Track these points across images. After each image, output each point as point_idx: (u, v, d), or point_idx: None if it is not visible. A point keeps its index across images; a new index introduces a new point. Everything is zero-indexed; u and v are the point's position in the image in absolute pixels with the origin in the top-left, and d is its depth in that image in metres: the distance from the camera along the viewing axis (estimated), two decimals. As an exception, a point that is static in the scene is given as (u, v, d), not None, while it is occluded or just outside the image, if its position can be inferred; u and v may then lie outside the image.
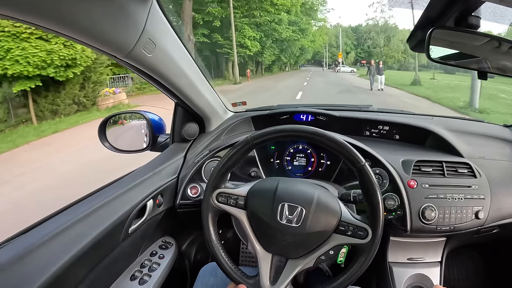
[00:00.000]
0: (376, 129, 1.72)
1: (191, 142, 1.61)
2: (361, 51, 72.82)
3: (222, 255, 1.08)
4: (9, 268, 0.80)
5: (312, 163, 1.59)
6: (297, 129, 1.04)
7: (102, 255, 1.09)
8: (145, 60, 1.04)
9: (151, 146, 1.64)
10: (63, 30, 0.76)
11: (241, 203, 1.07)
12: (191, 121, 1.58)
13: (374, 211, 0.99)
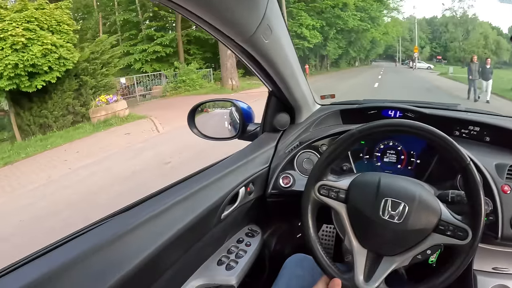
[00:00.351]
0: (466, 130, 1.61)
1: (281, 132, 1.62)
2: (436, 45, 66.72)
3: (319, 248, 1.08)
4: (108, 246, 0.82)
5: (402, 161, 1.54)
6: (404, 124, 1.02)
7: (195, 239, 1.12)
8: (262, 46, 1.04)
9: (240, 134, 1.66)
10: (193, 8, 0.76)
11: (342, 196, 1.06)
12: (282, 111, 1.59)
13: (476, 211, 0.95)
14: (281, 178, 1.47)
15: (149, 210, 0.96)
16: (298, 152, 1.51)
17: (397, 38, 62.50)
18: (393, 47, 70.92)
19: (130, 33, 27.12)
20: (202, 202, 1.11)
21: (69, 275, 0.72)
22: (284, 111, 1.59)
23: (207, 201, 1.13)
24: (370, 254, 1.03)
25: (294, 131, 1.63)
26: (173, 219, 1.00)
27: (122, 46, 25.15)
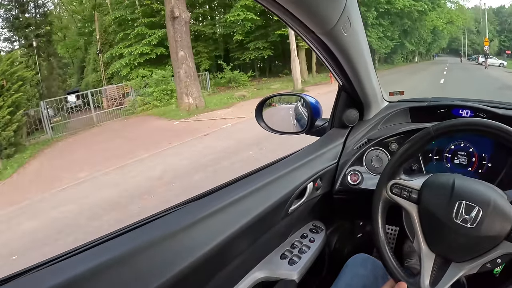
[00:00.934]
0: None
1: (350, 128, 1.61)
2: (505, 38, 56.14)
3: (387, 249, 1.07)
4: (177, 234, 0.85)
5: (473, 164, 1.48)
6: (486, 124, 0.98)
7: (262, 231, 1.14)
8: (341, 39, 1.03)
9: (308, 129, 1.66)
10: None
11: (414, 196, 1.04)
12: (352, 107, 1.57)
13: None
14: (349, 175, 1.46)
15: (220, 200, 0.98)
16: (367, 149, 1.50)
17: (463, 29, 55.04)
18: (458, 40, 63.16)
19: (125, 33, 22.51)
20: (271, 195, 1.12)
21: (137, 260, 0.76)
22: (353, 107, 1.57)
23: (276, 194, 1.14)
24: (438, 258, 1.01)
25: (363, 128, 1.61)
26: (242, 210, 1.02)
27: (116, 48, 22.25)
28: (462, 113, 1.61)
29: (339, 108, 1.59)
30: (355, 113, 1.57)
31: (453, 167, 1.50)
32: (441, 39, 47.20)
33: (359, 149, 1.51)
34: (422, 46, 41.41)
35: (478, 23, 59.70)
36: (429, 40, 42.07)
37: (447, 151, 1.50)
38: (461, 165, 1.49)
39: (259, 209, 1.06)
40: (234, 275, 1.10)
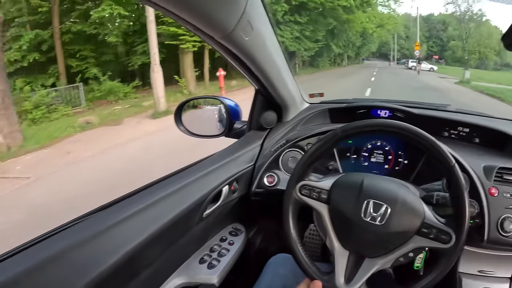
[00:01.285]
0: (456, 131, 1.63)
1: (268, 130, 1.61)
2: (433, 44, 60.78)
3: (300, 249, 1.08)
4: (88, 242, 0.82)
5: (389, 161, 1.54)
6: (390, 124, 1.02)
7: (176, 237, 1.11)
8: (241, 43, 1.03)
9: (227, 132, 1.66)
10: (170, 7, 0.77)
11: (323, 196, 1.05)
12: (269, 109, 1.58)
13: (460, 215, 0.95)
14: (266, 177, 1.46)
15: (131, 207, 0.95)
16: (283, 150, 1.51)
17: (393, 34, 57.14)
18: (387, 44, 66.00)
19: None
20: (184, 200, 1.11)
21: (47, 271, 0.72)
22: (271, 109, 1.58)
23: (189, 199, 1.12)
24: (351, 255, 1.03)
25: (281, 129, 1.62)
26: (154, 216, 0.99)
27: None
28: (381, 114, 1.67)
29: (256, 110, 1.59)
30: (273, 115, 1.58)
31: (371, 165, 1.55)
32: (370, 43, 48.13)
33: (276, 151, 1.51)
34: (351, 49, 40.79)
35: (408, 29, 62.32)
36: (359, 43, 42.17)
37: (364, 150, 1.55)
38: (378, 163, 1.54)
39: (170, 215, 1.03)
40: (150, 282, 1.08)
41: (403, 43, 64.25)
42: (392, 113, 1.66)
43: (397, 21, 46.63)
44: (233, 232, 1.50)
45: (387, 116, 1.67)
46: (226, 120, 1.65)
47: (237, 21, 0.91)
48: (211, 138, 1.67)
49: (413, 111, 1.62)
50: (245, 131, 1.65)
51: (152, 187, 1.12)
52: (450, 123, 1.61)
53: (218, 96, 1.71)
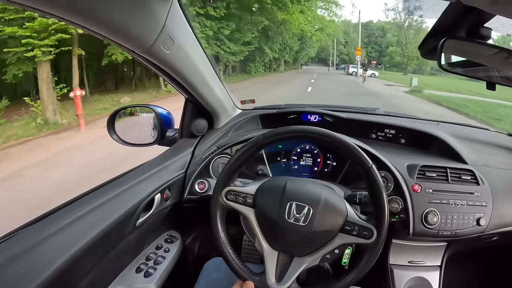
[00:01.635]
0: (382, 133, 1.73)
1: (199, 138, 1.63)
2: (372, 49, 62.98)
3: (230, 252, 1.11)
4: (18, 259, 0.81)
5: (318, 164, 1.61)
6: (307, 130, 1.06)
7: (109, 247, 1.11)
8: (163, 56, 1.06)
9: (159, 140, 1.66)
10: (85, 23, 0.78)
11: (249, 201, 1.09)
12: (200, 117, 1.60)
13: (380, 212, 1.02)
14: (197, 184, 1.48)
15: (62, 219, 0.95)
16: (214, 157, 1.53)
17: (333, 39, 56.37)
18: (327, 50, 66.44)
19: None
20: (116, 210, 1.10)
21: None
22: (201, 117, 1.60)
23: (121, 208, 1.12)
24: (281, 255, 1.07)
25: (212, 136, 1.64)
26: (85, 228, 0.98)
27: None
28: (311, 118, 1.73)
29: (186, 118, 1.61)
30: (204, 122, 1.60)
31: (300, 168, 1.61)
32: (309, 47, 46.79)
33: (207, 158, 1.53)
34: (288, 54, 37.70)
35: (347, 34, 63.56)
36: (296, 47, 40.03)
37: (293, 154, 1.61)
38: (307, 165, 1.61)
39: (103, 225, 1.03)
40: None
41: (342, 48, 65.00)
42: (321, 118, 1.73)
43: (337, 25, 45.85)
44: (169, 240, 1.50)
45: (316, 121, 1.73)
46: (158, 128, 1.65)
47: (156, 36, 0.95)
48: (144, 146, 1.66)
49: (342, 115, 1.70)
50: (177, 139, 1.66)
51: (82, 198, 1.11)
52: (378, 126, 1.70)
53: (149, 105, 1.70)
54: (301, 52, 45.47)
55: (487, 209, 1.35)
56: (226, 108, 1.69)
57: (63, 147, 8.16)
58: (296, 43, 38.22)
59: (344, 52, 65.71)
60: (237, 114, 1.82)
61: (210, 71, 1.42)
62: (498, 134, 1.83)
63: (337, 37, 57.21)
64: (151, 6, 0.89)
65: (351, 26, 63.94)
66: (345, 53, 65.76)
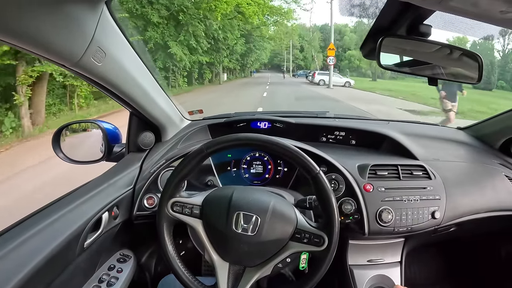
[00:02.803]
0: (333, 135, 1.76)
1: (147, 151, 1.59)
2: None
3: (179, 265, 1.09)
4: None
5: (269, 170, 1.61)
6: (251, 138, 1.05)
7: (57, 271, 1.05)
8: (94, 69, 1.02)
9: (107, 156, 1.61)
10: (6, 37, 0.74)
11: (196, 212, 1.08)
12: (146, 130, 1.56)
13: (330, 218, 1.01)
14: (146, 199, 1.44)
15: (4, 245, 0.91)
16: (162, 170, 1.49)
17: (286, 44, 51.34)
18: (280, 55, 64.29)
19: None
20: (61, 232, 1.05)
21: None
22: (148, 130, 1.56)
23: (66, 229, 1.07)
24: (232, 267, 1.06)
25: (160, 149, 1.60)
26: (28, 253, 0.93)
27: None
28: (260, 125, 1.72)
29: (132, 132, 1.56)
30: (150, 135, 1.56)
31: (251, 176, 1.60)
32: (259, 49, 39.72)
33: (155, 171, 1.49)
34: (229, 57, 28.91)
35: (302, 38, 60.84)
36: (241, 49, 30.99)
37: (243, 162, 1.60)
38: (258, 173, 1.60)
39: (46, 250, 0.97)
40: None
41: (297, 53, 62.83)
42: (271, 125, 1.73)
43: (295, 30, 40.18)
44: (121, 259, 1.45)
45: (266, 128, 1.73)
46: (104, 143, 1.60)
47: (84, 49, 0.91)
48: (91, 163, 1.60)
49: (291, 121, 1.70)
50: (125, 154, 1.61)
51: (24, 222, 1.06)
52: (327, 129, 1.72)
53: (94, 120, 1.65)
54: (250, 56, 38.47)
55: (441, 202, 1.39)
56: (173, 119, 1.66)
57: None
58: (237, 41, 28.11)
59: (300, 57, 64.12)
60: (186, 125, 1.80)
61: (151, 82, 1.39)
62: (447, 129, 1.90)
63: (292, 40, 51.75)
64: (77, 17, 0.86)
65: (305, 30, 62.60)
66: (300, 58, 64.21)
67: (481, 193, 1.50)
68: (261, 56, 45.37)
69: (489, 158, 1.68)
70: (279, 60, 66.69)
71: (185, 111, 1.86)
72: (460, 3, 0.61)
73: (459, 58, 1.02)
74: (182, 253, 1.80)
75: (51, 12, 0.77)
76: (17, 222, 1.06)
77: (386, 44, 0.92)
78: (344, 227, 1.31)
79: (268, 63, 68.01)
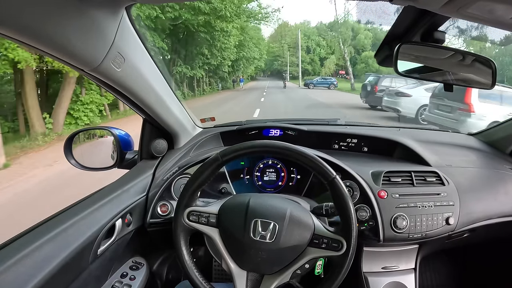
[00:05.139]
0: (345, 142, 1.76)
1: (159, 159, 1.59)
2: (340, 56, 46.12)
3: (196, 274, 1.09)
4: None
5: (283, 178, 1.60)
6: (267, 145, 1.05)
7: (70, 279, 1.05)
8: (113, 75, 1.02)
9: (119, 163, 1.61)
10: (29, 40, 0.75)
11: (213, 221, 1.08)
12: (159, 137, 1.56)
13: (347, 223, 1.00)
14: (159, 206, 1.44)
15: (14, 252, 0.90)
16: (175, 178, 1.49)
17: (282, 45, 47.29)
18: (280, 59, 54.34)
19: None
20: (74, 238, 1.05)
21: None
22: (161, 137, 1.56)
23: (80, 236, 1.07)
24: (250, 275, 1.05)
25: (173, 157, 1.61)
26: (42, 260, 0.93)
27: None
28: (272, 133, 1.72)
29: (145, 139, 1.56)
30: (163, 143, 1.56)
31: (264, 184, 1.59)
32: (246, 49, 30.87)
33: (168, 179, 1.49)
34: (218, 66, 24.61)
35: (308, 37, 53.03)
36: (217, 53, 23.87)
37: (256, 170, 1.60)
38: (272, 181, 1.59)
39: (60, 256, 0.97)
40: None
41: (303, 55, 51.83)
42: (283, 132, 1.73)
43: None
44: (134, 267, 1.45)
45: (278, 135, 1.74)
46: (116, 150, 1.60)
47: (105, 54, 0.91)
48: (103, 170, 1.60)
49: (303, 128, 1.71)
50: (137, 161, 1.61)
51: (38, 228, 1.05)
52: (339, 136, 1.72)
53: (107, 127, 1.65)
54: (239, 63, 31.08)
55: (455, 208, 1.39)
56: (186, 127, 1.67)
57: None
58: (232, 51, 25.10)
59: (306, 60, 53.25)
60: (198, 132, 1.80)
61: (166, 90, 1.38)
62: (458, 135, 1.89)
63: (292, 44, 46.01)
64: (98, 22, 0.86)
65: (309, 27, 52.33)
66: (306, 61, 53.15)
67: (494, 198, 1.49)
68: (257, 58, 35.44)
69: (500, 163, 1.68)
70: (280, 64, 55.27)
71: (197, 119, 1.87)
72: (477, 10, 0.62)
73: (472, 64, 1.02)
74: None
75: (74, 16, 0.78)
76: (30, 228, 1.07)
77: (402, 51, 0.92)
78: (359, 234, 1.30)
79: (267, 69, 58.85)
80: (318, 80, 34.67)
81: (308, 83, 34.08)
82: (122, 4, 0.91)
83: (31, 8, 0.67)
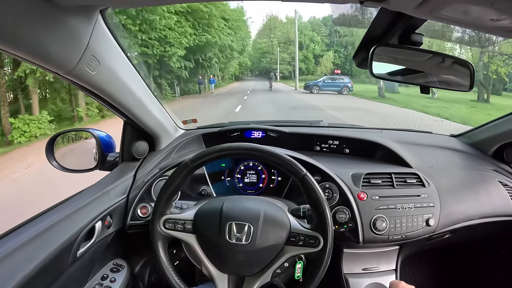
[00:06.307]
0: (326, 144, 1.76)
1: (141, 161, 1.58)
2: (335, 54, 43.26)
3: (176, 280, 1.09)
4: None
5: (263, 180, 1.61)
6: (235, 147, 1.06)
7: (49, 281, 1.04)
8: (89, 78, 1.02)
9: (100, 165, 1.60)
10: (1, 44, 0.74)
11: (189, 227, 1.08)
12: (140, 139, 1.56)
13: (322, 218, 1.01)
14: (139, 208, 1.43)
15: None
16: (155, 179, 1.49)
17: (271, 41, 42.11)
18: (270, 55, 47.48)
19: None
20: (54, 240, 1.05)
21: None
22: (142, 139, 1.56)
23: (59, 238, 1.07)
24: (231, 278, 1.06)
25: (154, 159, 1.60)
26: (21, 261, 0.93)
27: None
28: (254, 135, 1.72)
29: (126, 141, 1.56)
30: (144, 145, 1.56)
31: (245, 186, 1.60)
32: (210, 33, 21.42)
33: (149, 181, 1.48)
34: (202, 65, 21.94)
35: (300, 33, 44.08)
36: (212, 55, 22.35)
37: (237, 172, 1.60)
38: (252, 183, 1.60)
39: (40, 258, 0.97)
40: None
41: (294, 51, 38.61)
42: (265, 134, 1.74)
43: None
44: (115, 269, 1.44)
45: (260, 137, 1.74)
46: (98, 152, 1.59)
47: (79, 57, 0.91)
48: (85, 172, 1.59)
49: (285, 130, 1.71)
50: (118, 162, 1.60)
51: (17, 230, 1.05)
52: (321, 138, 1.73)
53: (88, 128, 1.64)
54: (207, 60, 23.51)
55: (435, 209, 1.39)
56: (167, 129, 1.66)
57: None
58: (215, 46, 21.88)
59: (299, 58, 39.42)
60: (180, 134, 1.80)
61: (146, 92, 1.38)
62: (441, 136, 1.90)
63: (285, 38, 40.73)
64: (71, 26, 0.85)
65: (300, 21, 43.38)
66: (299, 59, 41.00)
67: (475, 200, 1.50)
68: (227, 62, 28.45)
69: (482, 164, 1.69)
70: (269, 62, 48.20)
71: (179, 121, 1.86)
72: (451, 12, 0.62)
73: (450, 66, 1.03)
74: (176, 263, 1.81)
75: (46, 21, 0.77)
76: (9, 230, 1.06)
77: (378, 53, 0.93)
78: (338, 236, 1.31)
79: (255, 68, 52.89)
80: (325, 81, 24.97)
81: (311, 85, 24.31)
82: (96, 8, 0.91)
83: (1, 13, 0.67)
